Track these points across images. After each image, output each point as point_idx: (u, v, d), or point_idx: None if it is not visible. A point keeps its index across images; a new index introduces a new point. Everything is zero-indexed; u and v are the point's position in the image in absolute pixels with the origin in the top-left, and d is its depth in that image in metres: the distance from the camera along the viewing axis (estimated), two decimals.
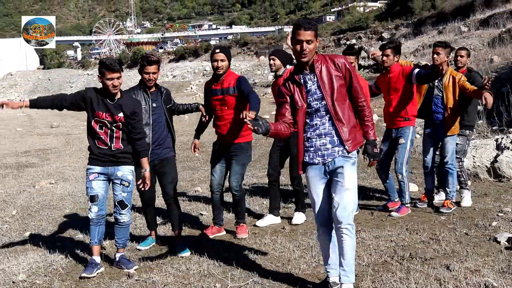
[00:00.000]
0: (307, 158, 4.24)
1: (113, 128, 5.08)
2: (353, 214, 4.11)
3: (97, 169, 5.12)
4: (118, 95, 5.08)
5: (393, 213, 6.69)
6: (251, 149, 6.23)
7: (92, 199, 5.10)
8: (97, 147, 5.11)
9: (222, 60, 5.88)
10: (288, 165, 6.69)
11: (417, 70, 6.49)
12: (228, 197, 7.03)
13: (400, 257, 5.12)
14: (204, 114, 6.10)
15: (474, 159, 8.76)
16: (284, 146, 6.55)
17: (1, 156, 14.84)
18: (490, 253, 5.11)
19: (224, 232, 6.30)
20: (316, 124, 4.18)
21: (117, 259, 5.30)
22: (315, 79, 4.15)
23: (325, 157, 4.16)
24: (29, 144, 18.02)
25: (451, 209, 6.78)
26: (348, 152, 4.11)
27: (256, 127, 3.88)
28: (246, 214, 6.98)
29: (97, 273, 5.06)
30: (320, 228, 4.31)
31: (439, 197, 7.32)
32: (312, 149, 4.21)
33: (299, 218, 6.62)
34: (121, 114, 5.06)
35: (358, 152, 4.32)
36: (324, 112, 4.14)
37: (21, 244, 6.24)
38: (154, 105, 5.64)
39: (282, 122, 4.21)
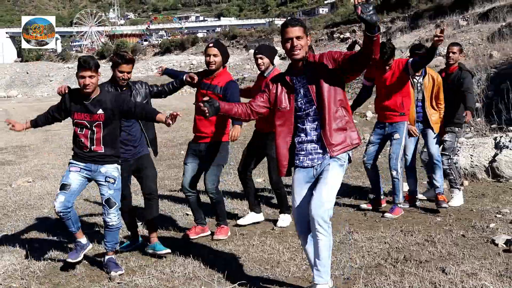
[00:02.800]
0: (297, 161, 4.29)
1: (93, 129, 5.06)
2: (330, 213, 4.08)
3: (81, 164, 5.13)
4: (96, 93, 5.06)
5: (387, 214, 6.72)
6: (228, 150, 6.22)
7: (62, 187, 5.05)
8: (79, 149, 5.15)
9: (215, 55, 5.89)
10: (267, 169, 6.71)
11: (411, 59, 6.62)
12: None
13: (394, 260, 5.15)
14: (193, 78, 5.76)
15: (471, 158, 8.80)
16: (259, 147, 6.58)
17: None
18: (488, 255, 5.14)
19: (209, 232, 6.31)
20: (306, 129, 4.22)
21: (105, 261, 5.28)
22: (304, 81, 4.18)
23: (315, 160, 4.21)
24: (5, 140, 17.89)
25: (446, 201, 6.91)
26: (331, 157, 4.14)
27: (205, 108, 4.01)
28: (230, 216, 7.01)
29: (84, 254, 5.22)
30: (301, 236, 4.37)
31: (429, 194, 7.46)
32: (303, 152, 4.25)
33: (285, 220, 6.61)
34: (100, 111, 5.03)
35: (350, 160, 4.31)
36: (315, 117, 4.18)
37: None
38: None
39: (244, 105, 4.31)
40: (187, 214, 7.23)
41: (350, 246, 5.62)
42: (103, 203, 5.17)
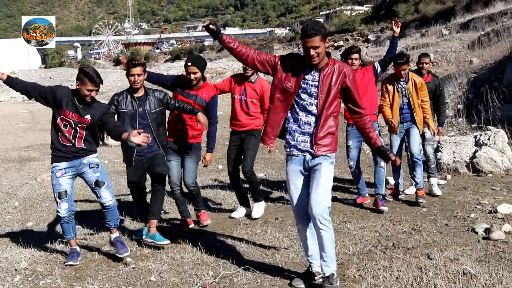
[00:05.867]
0: (288, 149, 4.23)
1: (77, 128, 5.01)
2: (328, 210, 4.04)
3: (63, 164, 5.03)
4: (90, 104, 5.03)
5: (382, 208, 6.62)
6: (201, 149, 6.20)
7: (60, 195, 4.99)
8: (61, 143, 5.03)
9: (194, 73, 5.83)
10: (242, 161, 6.52)
11: (378, 61, 6.60)
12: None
13: (383, 247, 5.14)
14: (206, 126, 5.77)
15: (454, 154, 8.80)
16: (240, 145, 6.49)
17: (5, 151, 14.75)
18: (468, 242, 5.14)
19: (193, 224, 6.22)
20: (301, 120, 4.13)
21: (112, 240, 5.23)
22: (317, 79, 4.08)
23: (304, 153, 4.14)
24: (31, 139, 17.90)
25: (424, 196, 6.87)
26: (317, 156, 4.09)
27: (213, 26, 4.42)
28: (221, 205, 7.00)
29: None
30: (299, 223, 4.30)
31: (410, 191, 7.39)
32: (292, 142, 4.18)
33: (258, 209, 6.53)
34: (88, 117, 5.00)
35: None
36: (313, 111, 4.10)
37: (23, 233, 6.21)
38: (140, 109, 5.51)
39: (248, 48, 4.28)
40: (190, 203, 7.19)
41: (344, 234, 5.62)
42: (93, 187, 5.09)
